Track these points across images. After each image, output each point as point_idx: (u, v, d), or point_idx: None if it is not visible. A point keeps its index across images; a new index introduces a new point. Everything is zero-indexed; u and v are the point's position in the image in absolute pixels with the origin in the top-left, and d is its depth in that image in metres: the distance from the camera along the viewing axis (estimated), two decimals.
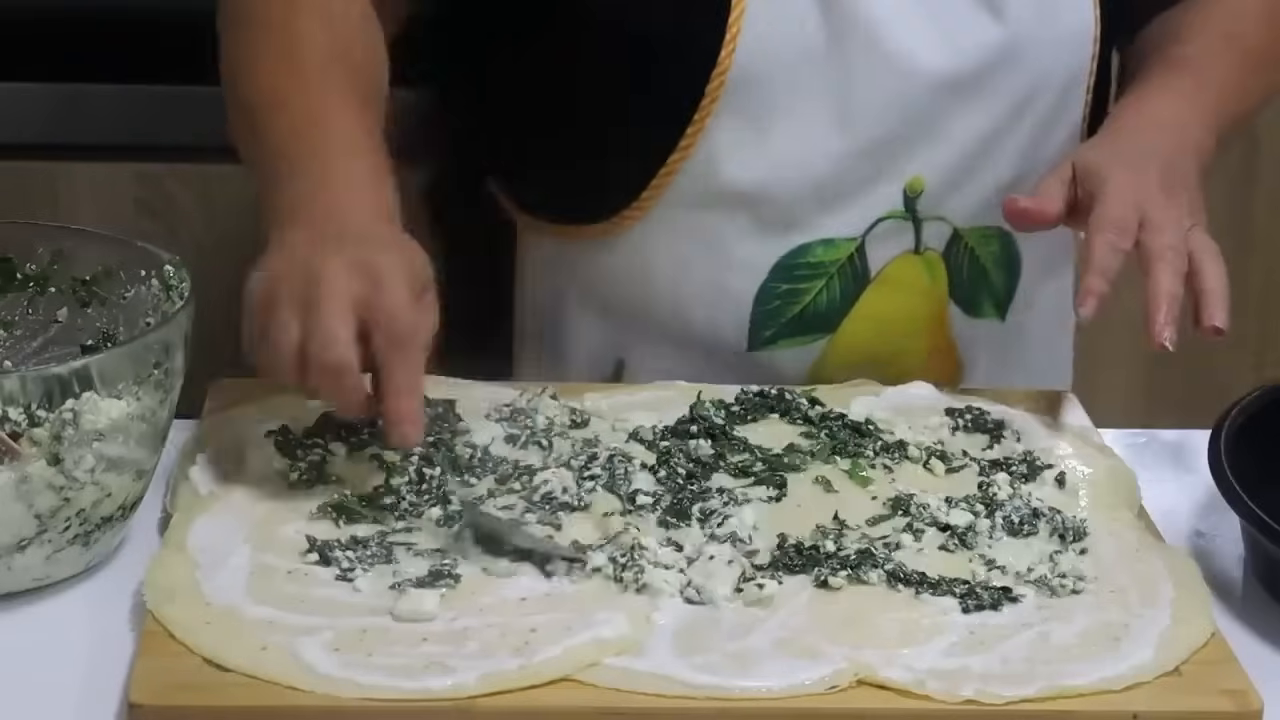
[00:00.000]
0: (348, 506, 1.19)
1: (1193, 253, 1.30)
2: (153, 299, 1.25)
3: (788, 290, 1.43)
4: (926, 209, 1.43)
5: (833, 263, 1.43)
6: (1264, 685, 1.09)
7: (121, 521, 1.18)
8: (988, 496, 1.24)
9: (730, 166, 1.40)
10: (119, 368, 1.14)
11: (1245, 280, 2.69)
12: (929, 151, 1.42)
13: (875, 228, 1.43)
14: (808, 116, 1.39)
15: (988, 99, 1.41)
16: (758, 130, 1.39)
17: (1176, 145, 1.37)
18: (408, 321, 1.17)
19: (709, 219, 1.42)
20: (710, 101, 1.37)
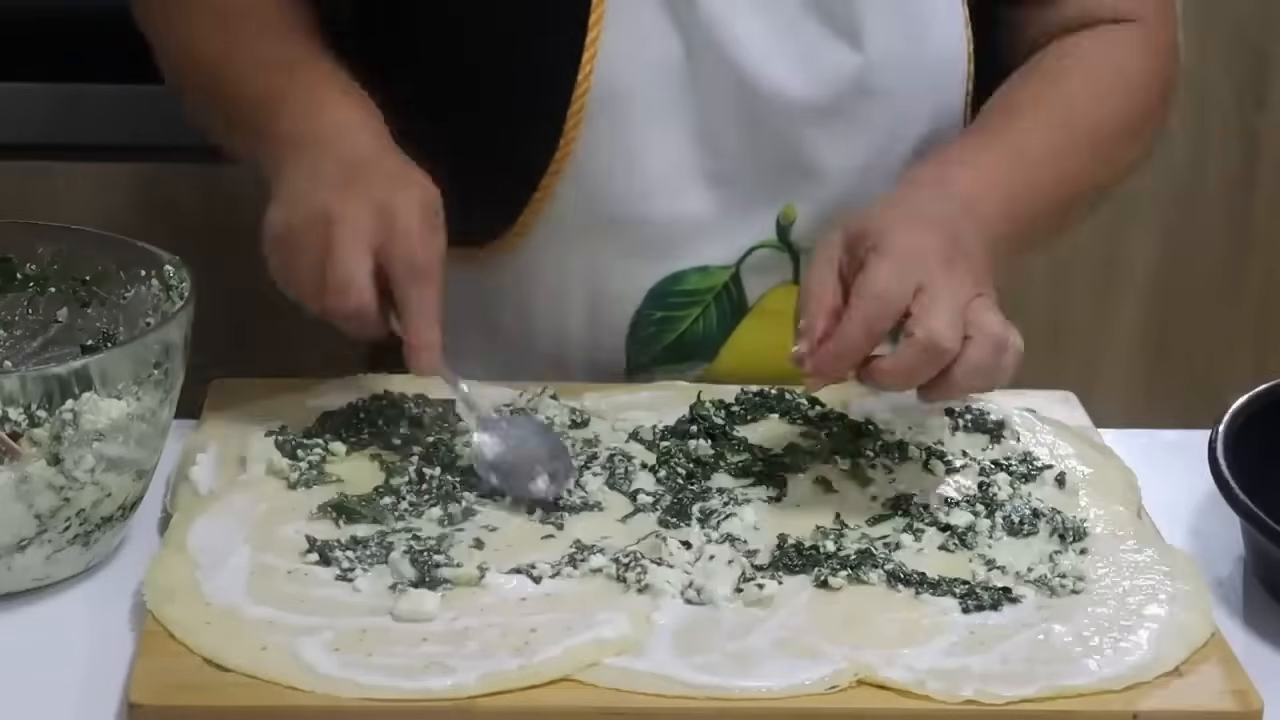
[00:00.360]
0: (348, 506, 1.19)
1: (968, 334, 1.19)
2: (153, 299, 1.25)
3: (663, 318, 1.43)
4: (802, 239, 1.42)
5: (708, 290, 1.43)
6: (1264, 685, 1.09)
7: (121, 521, 1.18)
8: (988, 496, 1.24)
9: (601, 190, 1.39)
10: (119, 368, 1.14)
11: (1245, 280, 2.70)
12: (799, 181, 1.40)
13: (750, 256, 1.42)
14: (672, 140, 1.38)
15: (854, 128, 1.39)
16: (625, 153, 1.38)
17: (962, 214, 1.28)
18: (423, 255, 1.23)
19: (584, 244, 1.41)
20: (574, 125, 1.36)
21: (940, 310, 1.18)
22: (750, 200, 1.41)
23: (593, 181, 1.39)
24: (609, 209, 1.40)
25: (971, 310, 1.20)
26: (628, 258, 1.41)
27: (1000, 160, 1.35)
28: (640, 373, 1.45)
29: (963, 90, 1.42)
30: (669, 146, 1.38)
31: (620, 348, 1.44)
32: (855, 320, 1.19)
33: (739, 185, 1.40)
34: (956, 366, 1.19)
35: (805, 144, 1.39)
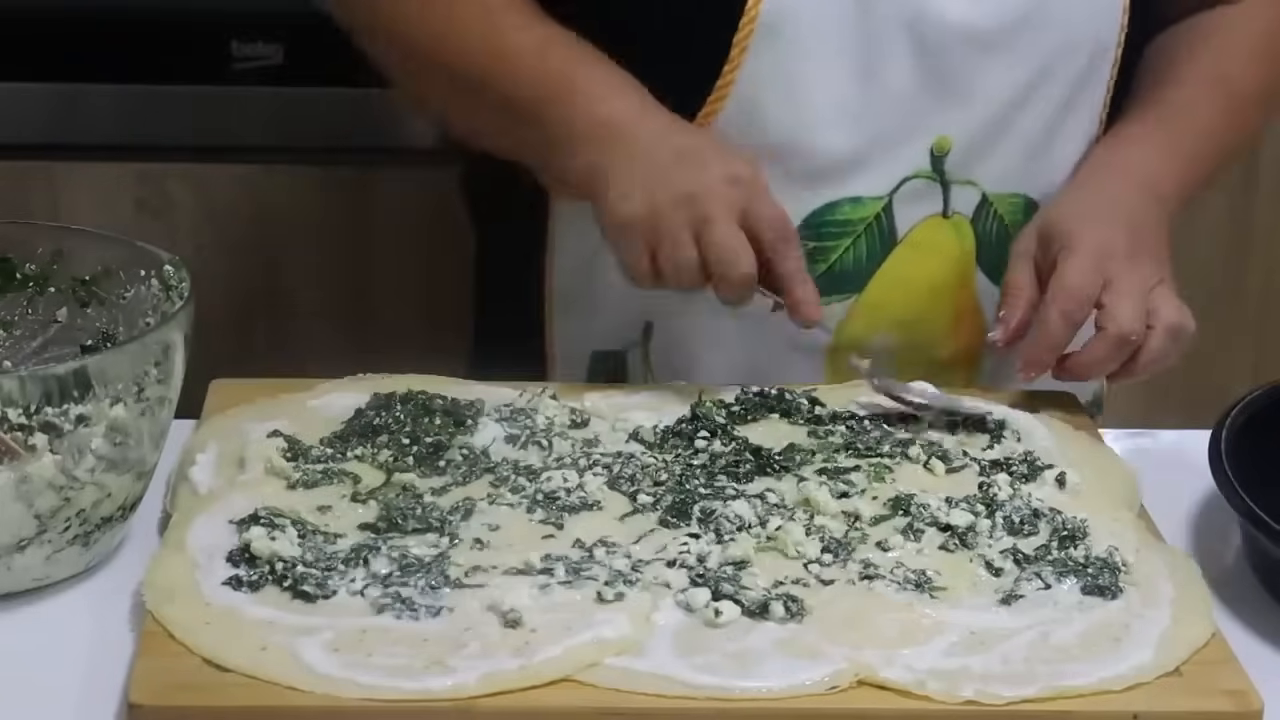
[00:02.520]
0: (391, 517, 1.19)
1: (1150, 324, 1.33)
2: (153, 299, 1.25)
3: (815, 248, 1.43)
4: (954, 171, 1.43)
5: (860, 221, 1.43)
6: (1264, 685, 1.09)
7: (121, 522, 1.18)
8: (988, 496, 1.24)
9: (760, 118, 1.40)
10: (119, 368, 1.14)
11: (1245, 280, 2.70)
12: (956, 110, 1.42)
13: (902, 187, 1.43)
14: (835, 68, 1.39)
15: (1015, 57, 1.41)
16: (787, 81, 1.39)
17: (1143, 199, 1.39)
18: (786, 219, 1.33)
19: None
20: (739, 51, 1.37)
21: (1127, 304, 1.32)
22: (906, 130, 1.42)
23: (753, 110, 1.39)
24: (767, 137, 1.40)
25: (1152, 299, 1.34)
26: (783, 187, 1.40)
27: (1174, 137, 1.44)
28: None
29: (1118, 28, 1.44)
30: (831, 75, 1.39)
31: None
32: (1053, 313, 1.33)
33: (896, 113, 1.41)
34: (1141, 354, 1.33)
35: (966, 71, 1.40)
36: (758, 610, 1.11)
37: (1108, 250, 1.35)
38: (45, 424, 1.14)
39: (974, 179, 1.44)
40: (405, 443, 1.26)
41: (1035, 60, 1.42)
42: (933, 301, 1.46)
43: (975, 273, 1.47)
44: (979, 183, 1.45)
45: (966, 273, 1.47)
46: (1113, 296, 1.33)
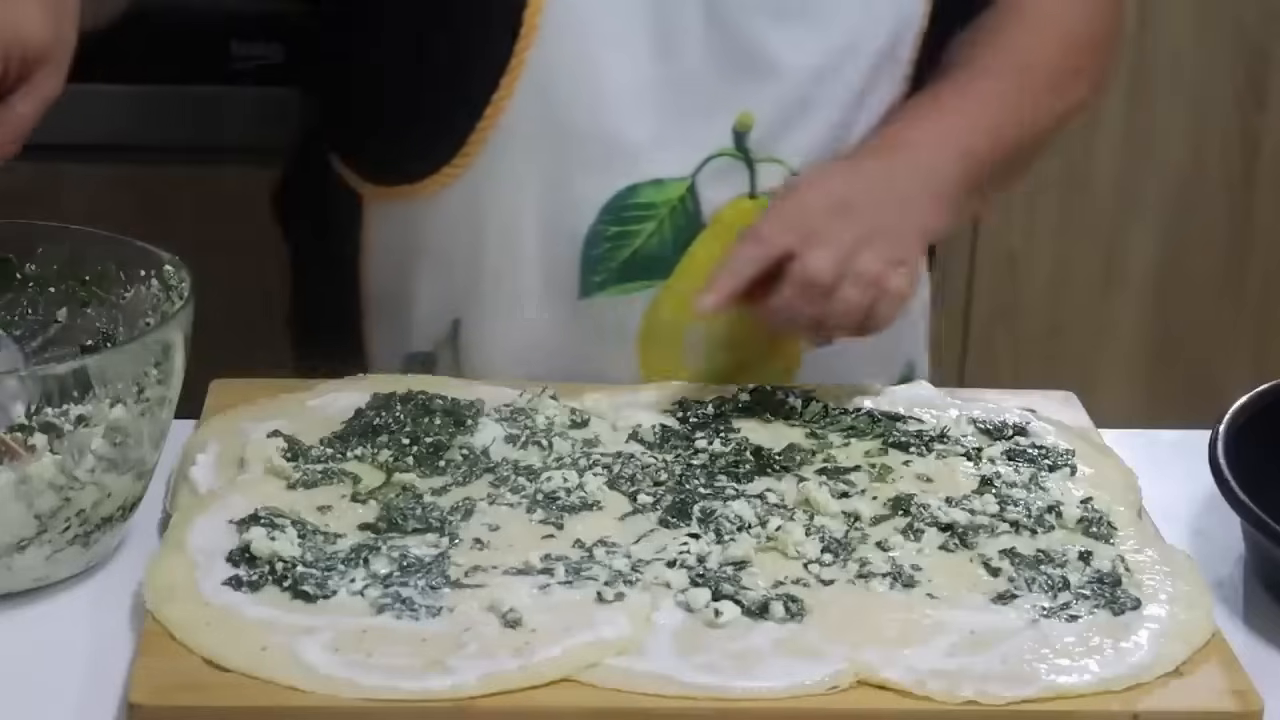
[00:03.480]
0: (393, 518, 1.19)
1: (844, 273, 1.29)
2: (152, 299, 1.25)
3: (618, 233, 1.41)
4: (759, 149, 1.41)
5: (663, 204, 1.41)
6: (1264, 685, 1.09)
7: (121, 522, 1.18)
8: (988, 496, 1.24)
9: (554, 101, 1.38)
10: (119, 368, 1.14)
11: (1245, 280, 2.70)
12: (757, 85, 1.40)
13: (706, 167, 1.41)
14: (628, 46, 1.37)
15: (813, 32, 1.39)
16: (580, 60, 1.37)
17: (887, 163, 1.37)
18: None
19: (537, 160, 1.40)
20: (529, 30, 1.36)
21: (819, 252, 1.29)
22: (707, 107, 1.40)
23: (547, 92, 1.38)
24: (562, 120, 1.38)
25: (855, 253, 1.29)
26: (581, 172, 1.39)
27: (948, 111, 1.41)
28: (594, 293, 1.43)
29: (919, 4, 1.43)
30: (625, 53, 1.37)
31: (574, 267, 1.42)
32: (736, 255, 1.31)
33: (695, 91, 1.39)
34: (830, 304, 1.29)
35: (765, 44, 1.39)
36: (758, 610, 1.11)
37: (807, 204, 1.33)
38: (45, 424, 1.14)
39: (779, 157, 1.42)
40: (405, 443, 1.26)
41: (835, 36, 1.40)
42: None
43: None
44: (785, 160, 1.42)
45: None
46: (806, 246, 1.29)
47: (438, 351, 1.47)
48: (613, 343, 1.43)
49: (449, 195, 1.42)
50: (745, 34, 1.38)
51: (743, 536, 1.18)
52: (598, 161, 1.39)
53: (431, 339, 1.46)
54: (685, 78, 1.39)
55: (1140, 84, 2.64)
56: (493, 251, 1.43)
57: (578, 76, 1.37)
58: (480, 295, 1.43)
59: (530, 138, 1.39)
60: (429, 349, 1.47)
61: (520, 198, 1.41)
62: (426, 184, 1.42)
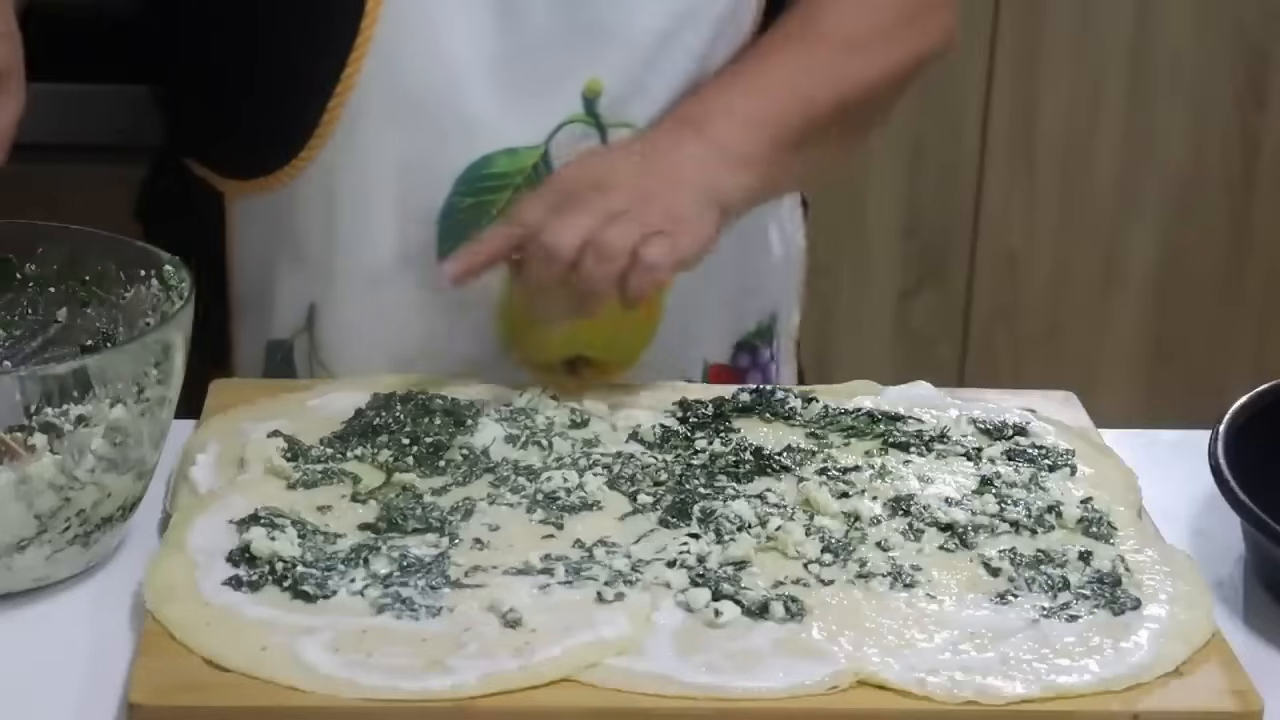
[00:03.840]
0: (393, 518, 1.19)
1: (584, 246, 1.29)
2: (152, 299, 1.25)
3: (473, 204, 1.41)
4: (609, 114, 1.42)
5: (517, 173, 1.41)
6: (1264, 685, 1.09)
7: (121, 522, 1.18)
8: (988, 496, 1.24)
9: (403, 75, 1.38)
10: (119, 368, 1.14)
11: (1245, 280, 2.70)
12: (604, 50, 1.40)
13: (558, 134, 1.41)
14: (473, 15, 1.38)
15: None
16: (426, 33, 1.37)
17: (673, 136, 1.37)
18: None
19: (389, 136, 1.40)
20: (373, 7, 1.36)
21: (560, 225, 1.29)
22: (555, 74, 1.40)
23: (394, 69, 1.38)
24: (411, 97, 1.39)
25: (603, 227, 1.29)
26: (433, 146, 1.39)
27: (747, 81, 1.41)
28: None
29: None
30: (470, 23, 1.38)
31: (431, 242, 1.42)
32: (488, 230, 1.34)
33: (542, 59, 1.40)
34: (576, 279, 1.29)
35: (609, 9, 1.39)
36: (758, 610, 1.11)
37: (567, 184, 1.33)
38: (45, 424, 1.14)
39: (629, 121, 1.42)
40: (405, 443, 1.26)
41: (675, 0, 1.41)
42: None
43: None
44: (634, 124, 1.42)
45: None
46: (551, 221, 1.30)
47: (294, 339, 1.47)
48: (474, 314, 1.43)
49: (305, 181, 1.42)
50: (587, 1, 1.39)
51: (743, 536, 1.18)
52: (449, 135, 1.40)
53: (290, 327, 1.46)
54: (531, 47, 1.39)
55: (1140, 84, 2.64)
56: (347, 231, 1.43)
57: (423, 52, 1.38)
58: (336, 278, 1.43)
59: (381, 116, 1.39)
60: (287, 336, 1.47)
61: (374, 176, 1.41)
62: (284, 173, 1.42)
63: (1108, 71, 2.64)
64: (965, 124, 2.63)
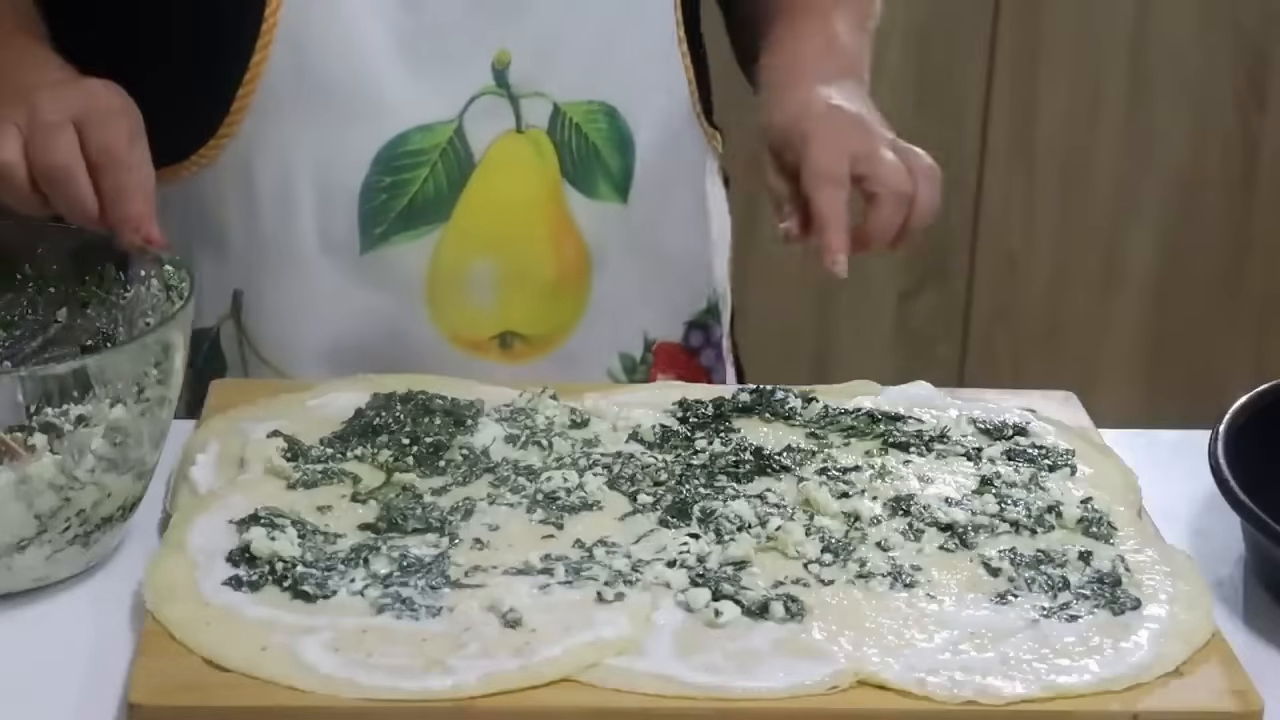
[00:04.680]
0: (393, 518, 1.19)
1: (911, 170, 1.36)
2: (152, 299, 1.25)
3: (392, 183, 1.41)
4: (521, 84, 1.42)
5: (433, 149, 1.42)
6: (1264, 685, 1.09)
7: (121, 522, 1.18)
8: (988, 496, 1.24)
9: (311, 59, 1.38)
10: (119, 368, 1.14)
11: (1245, 280, 2.70)
12: (511, 21, 1.41)
13: (471, 107, 1.42)
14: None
15: None
16: (330, 18, 1.38)
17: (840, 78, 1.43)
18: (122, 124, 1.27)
19: (302, 119, 1.40)
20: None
21: (884, 167, 1.35)
22: (463, 48, 1.41)
23: (302, 52, 1.38)
24: (321, 79, 1.39)
25: (900, 154, 1.37)
26: (347, 127, 1.40)
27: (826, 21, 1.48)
28: (377, 246, 1.43)
29: None
30: (373, 1, 1.38)
31: (353, 223, 1.42)
32: (821, 198, 1.34)
33: (449, 34, 1.40)
34: (915, 206, 1.36)
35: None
36: (758, 610, 1.11)
37: (838, 128, 1.38)
38: (45, 424, 1.14)
39: (542, 90, 1.43)
40: (405, 443, 1.26)
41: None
42: (523, 220, 1.46)
43: (563, 186, 1.46)
44: (548, 93, 1.43)
45: (553, 187, 1.46)
46: (868, 165, 1.35)
47: (220, 325, 1.46)
48: (400, 293, 1.43)
49: (220, 167, 1.42)
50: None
51: (743, 536, 1.18)
52: (362, 115, 1.40)
53: (214, 314, 1.46)
54: (437, 22, 1.40)
55: (1140, 84, 2.64)
56: (268, 217, 1.43)
57: (330, 34, 1.38)
58: (259, 264, 1.43)
59: (292, 99, 1.40)
60: (211, 325, 1.46)
61: (290, 160, 1.42)
62: (198, 158, 1.42)
63: (1108, 72, 2.65)
64: (965, 124, 2.64)
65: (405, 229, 1.42)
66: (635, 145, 1.48)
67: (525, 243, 1.46)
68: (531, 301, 1.45)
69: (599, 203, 1.48)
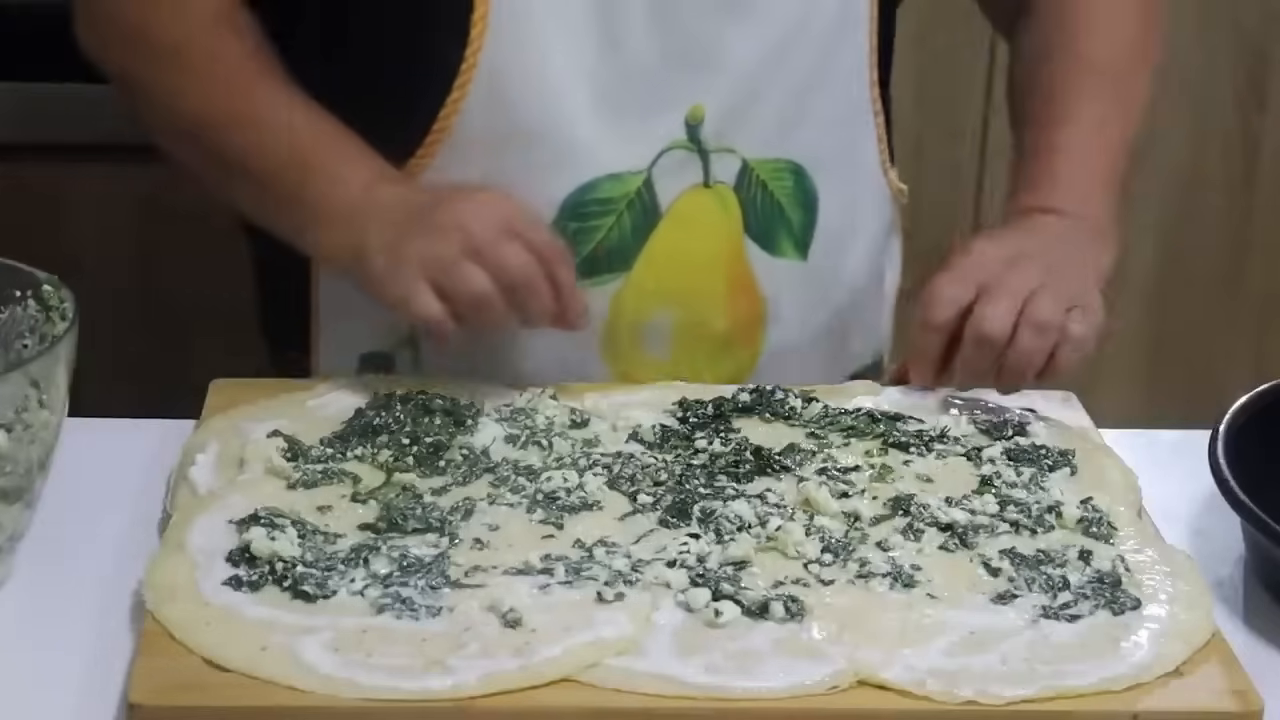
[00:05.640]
0: (393, 518, 1.19)
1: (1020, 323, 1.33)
2: (29, 320, 1.21)
3: (578, 229, 1.41)
4: (712, 139, 1.42)
5: (621, 198, 1.42)
6: (1264, 685, 1.09)
7: (10, 554, 1.16)
8: (988, 496, 1.24)
9: (507, 103, 1.38)
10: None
11: (1245, 280, 2.70)
12: (706, 77, 1.41)
13: (661, 160, 1.42)
14: (576, 43, 1.38)
15: (759, 17, 1.40)
16: (530, 61, 1.38)
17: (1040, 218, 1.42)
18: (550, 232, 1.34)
19: (494, 160, 1.40)
20: (479, 33, 1.36)
21: (992, 304, 1.33)
22: (658, 101, 1.41)
23: (499, 95, 1.38)
24: (516, 122, 1.39)
25: (1031, 301, 1.33)
26: (537, 171, 1.40)
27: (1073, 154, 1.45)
28: None
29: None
30: (573, 51, 1.38)
31: None
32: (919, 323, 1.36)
33: (645, 86, 1.40)
34: (1007, 353, 1.32)
35: (711, 37, 1.39)
36: (758, 610, 1.11)
37: (981, 260, 1.37)
38: None
39: (732, 146, 1.43)
40: (405, 443, 1.26)
41: (779, 21, 1.41)
42: (703, 274, 1.45)
43: (744, 242, 1.46)
44: (738, 149, 1.43)
45: (735, 242, 1.45)
46: (981, 302, 1.34)
47: (396, 352, 1.46)
48: (579, 338, 1.42)
49: None
50: (690, 28, 1.39)
51: (743, 536, 1.18)
52: (553, 160, 1.40)
53: (389, 340, 1.46)
54: (634, 74, 1.39)
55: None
56: None
57: (528, 78, 1.38)
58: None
59: (485, 140, 1.39)
60: (386, 349, 1.46)
61: None
62: None
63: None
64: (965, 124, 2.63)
65: (587, 276, 1.41)
66: (819, 203, 1.48)
67: (704, 296, 1.45)
68: (704, 353, 1.44)
69: (779, 259, 1.47)
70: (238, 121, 1.38)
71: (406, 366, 1.46)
